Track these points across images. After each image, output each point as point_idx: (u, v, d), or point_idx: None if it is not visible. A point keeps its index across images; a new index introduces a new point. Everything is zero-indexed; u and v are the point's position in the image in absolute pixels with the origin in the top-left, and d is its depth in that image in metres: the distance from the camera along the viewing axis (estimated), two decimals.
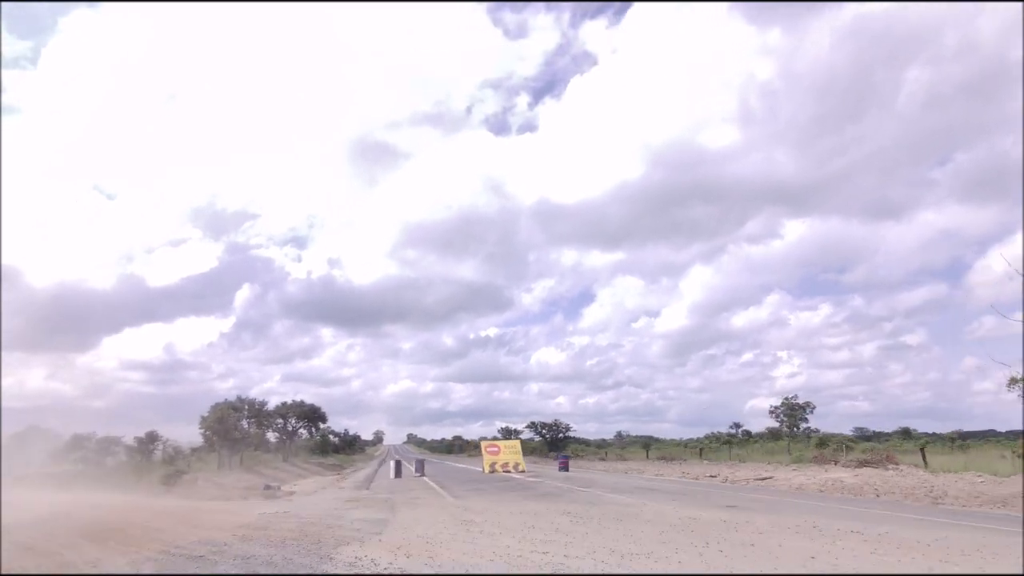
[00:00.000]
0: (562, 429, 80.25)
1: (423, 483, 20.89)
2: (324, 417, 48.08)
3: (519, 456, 26.28)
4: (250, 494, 21.98)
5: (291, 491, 24.11)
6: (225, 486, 25.44)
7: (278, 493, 21.98)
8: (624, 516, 10.57)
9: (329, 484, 26.73)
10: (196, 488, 24.86)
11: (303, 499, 16.52)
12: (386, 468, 36.31)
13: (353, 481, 26.64)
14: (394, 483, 21.91)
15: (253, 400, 38.66)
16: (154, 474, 32.66)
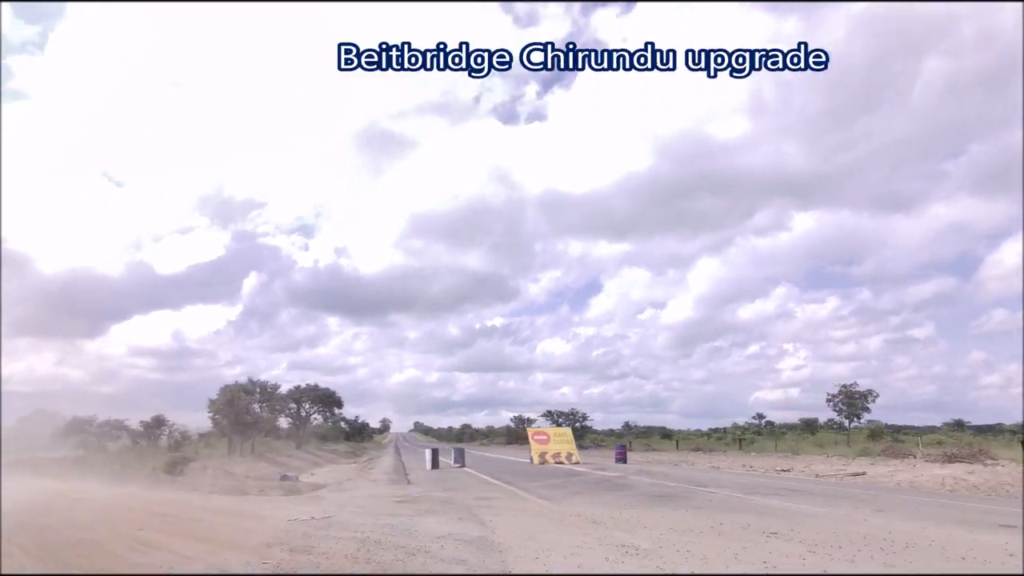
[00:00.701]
0: (579, 419, 77.12)
1: (471, 475, 17.54)
2: (340, 402, 44.96)
3: (571, 445, 22.84)
4: (266, 486, 18.64)
5: (313, 482, 20.84)
6: (237, 476, 22.17)
7: (298, 484, 18.68)
8: (838, 532, 7.11)
9: (354, 474, 23.41)
10: (204, 478, 21.63)
11: (336, 495, 13.10)
12: (414, 457, 33.20)
13: (381, 471, 23.31)
14: (435, 475, 18.54)
15: (265, 383, 35.51)
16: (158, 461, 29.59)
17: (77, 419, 34.15)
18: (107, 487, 17.46)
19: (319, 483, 19.26)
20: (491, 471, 19.16)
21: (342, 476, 24.74)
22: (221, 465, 24.23)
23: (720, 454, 38.58)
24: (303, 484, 18.33)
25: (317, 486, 17.04)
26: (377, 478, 18.63)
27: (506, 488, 13.41)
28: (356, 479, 20.65)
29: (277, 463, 31.05)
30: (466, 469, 20.49)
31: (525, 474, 17.61)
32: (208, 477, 21.86)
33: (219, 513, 10.49)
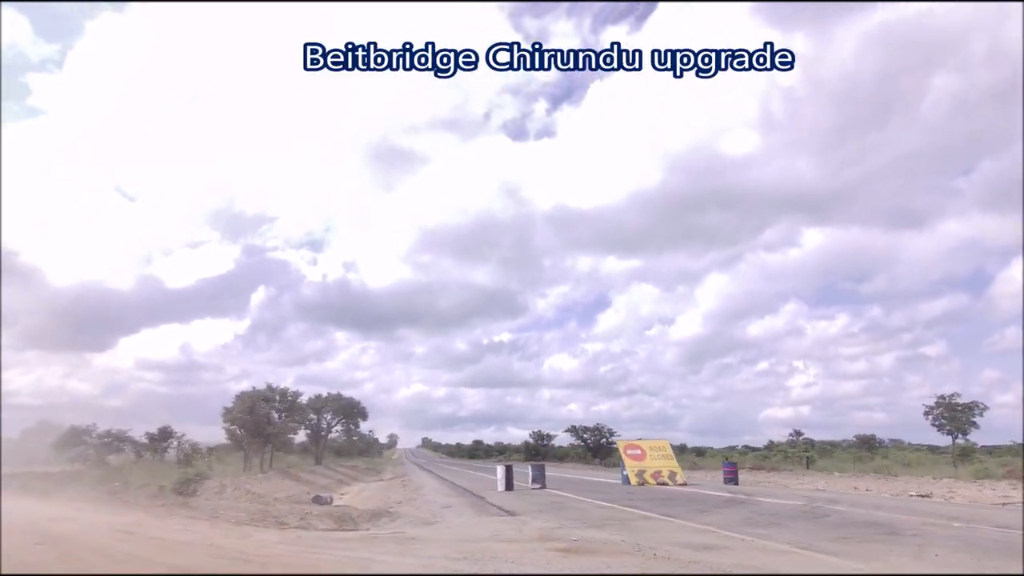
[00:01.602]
0: (605, 434, 72.59)
1: (580, 501, 13.45)
2: (364, 413, 40.78)
3: (674, 461, 18.63)
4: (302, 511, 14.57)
5: (349, 505, 16.79)
6: (264, 497, 18.14)
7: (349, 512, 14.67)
8: None
9: (401, 496, 19.26)
10: (223, 499, 17.64)
11: (421, 531, 9.06)
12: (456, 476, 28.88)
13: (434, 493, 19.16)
14: (526, 499, 14.44)
15: (285, 390, 31.54)
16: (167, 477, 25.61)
17: (75, 429, 30.23)
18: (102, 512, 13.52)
19: (367, 508, 15.17)
20: (596, 494, 15.03)
21: (386, 498, 20.57)
22: (241, 483, 20.18)
23: (789, 473, 34.17)
24: (353, 510, 14.24)
25: (374, 515, 12.94)
26: (446, 503, 14.52)
27: (680, 523, 9.28)
28: (411, 503, 16.52)
29: (301, 480, 26.92)
30: (550, 491, 16.39)
31: (651, 499, 13.43)
32: (228, 499, 17.82)
33: (267, 563, 6.55)
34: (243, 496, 17.91)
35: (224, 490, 18.50)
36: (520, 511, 11.15)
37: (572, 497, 14.22)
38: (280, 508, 15.26)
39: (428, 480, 27.37)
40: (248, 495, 17.95)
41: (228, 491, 18.41)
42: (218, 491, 18.49)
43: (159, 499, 17.20)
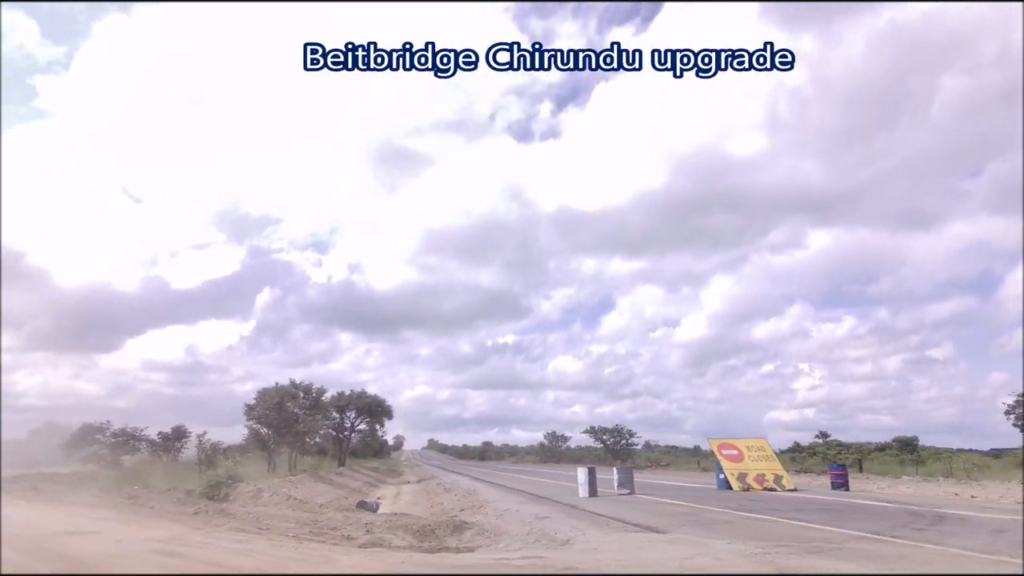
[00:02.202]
0: (625, 435, 70.24)
1: (699, 512, 11.21)
2: (389, 412, 38.51)
3: (777, 463, 16.34)
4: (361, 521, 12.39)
5: (395, 511, 14.55)
6: (307, 503, 15.96)
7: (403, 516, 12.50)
8: None
9: (470, 504, 17.02)
10: (261, 505, 15.46)
11: (559, 553, 6.84)
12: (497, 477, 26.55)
13: (504, 500, 16.93)
14: (625, 506, 12.21)
15: (309, 386, 29.32)
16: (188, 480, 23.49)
17: (87, 427, 28.11)
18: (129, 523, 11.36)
19: (434, 518, 12.94)
20: (712, 501, 12.74)
21: (436, 504, 18.34)
22: (277, 487, 17.97)
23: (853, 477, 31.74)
24: (422, 521, 12.01)
25: (455, 528, 10.71)
26: (533, 512, 12.26)
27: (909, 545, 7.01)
28: (479, 511, 14.27)
29: (334, 484, 24.72)
30: (641, 496, 14.14)
31: (801, 508, 11.09)
32: (267, 505, 15.62)
33: None
34: (283, 502, 15.75)
35: (260, 495, 16.32)
36: (656, 525, 8.90)
37: (689, 506, 11.93)
38: (332, 517, 13.08)
39: (465, 483, 25.11)
40: (289, 500, 15.77)
41: (265, 496, 16.24)
42: (254, 496, 16.32)
43: (189, 505, 15.02)
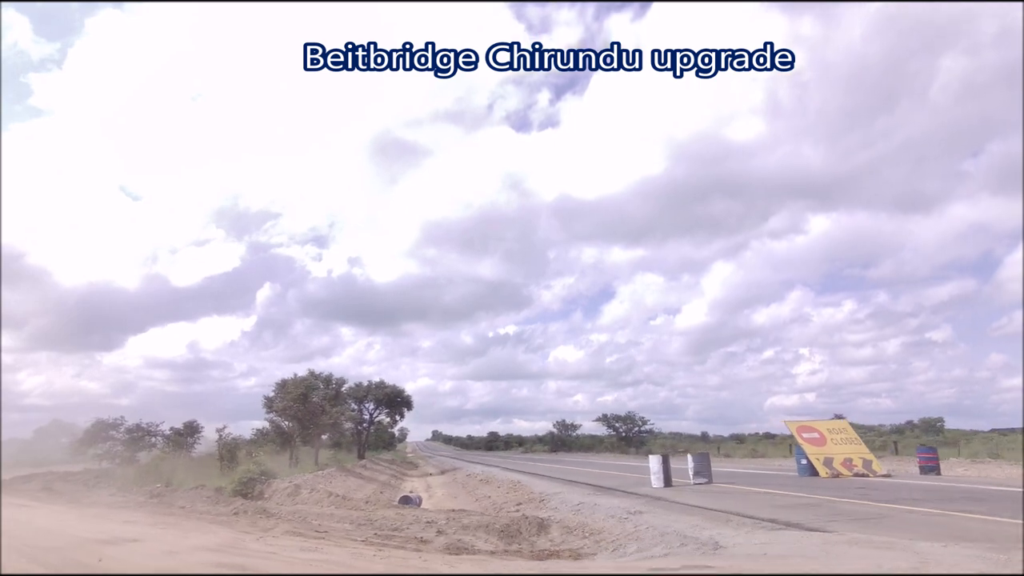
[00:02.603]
0: (637, 423, 69.29)
1: (821, 503, 9.93)
2: (409, 403, 37.29)
3: (863, 446, 15.06)
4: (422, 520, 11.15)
5: (439, 507, 13.28)
6: (350, 500, 14.71)
7: (468, 514, 11.26)
8: None
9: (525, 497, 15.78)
10: (302, 503, 14.21)
11: (747, 563, 5.57)
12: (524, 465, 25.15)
13: (568, 492, 15.69)
14: (730, 499, 10.97)
15: (330, 376, 28.04)
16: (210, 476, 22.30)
17: (100, 423, 26.89)
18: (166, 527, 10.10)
19: (504, 517, 11.70)
20: (816, 490, 11.49)
21: (483, 497, 17.10)
22: (313, 483, 16.72)
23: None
24: (497, 519, 10.74)
25: (540, 526, 9.43)
26: (615, 506, 10.98)
27: None
28: (544, 505, 13.04)
29: (364, 478, 23.54)
30: (721, 485, 12.90)
31: (944, 498, 9.78)
32: (309, 503, 14.38)
33: None
34: (324, 499, 14.51)
35: (298, 491, 15.07)
36: (799, 521, 7.60)
37: (800, 496, 10.61)
38: (385, 515, 11.82)
39: (500, 474, 23.90)
40: (330, 498, 14.52)
41: (304, 492, 14.99)
42: (291, 493, 15.07)
43: (223, 504, 13.78)
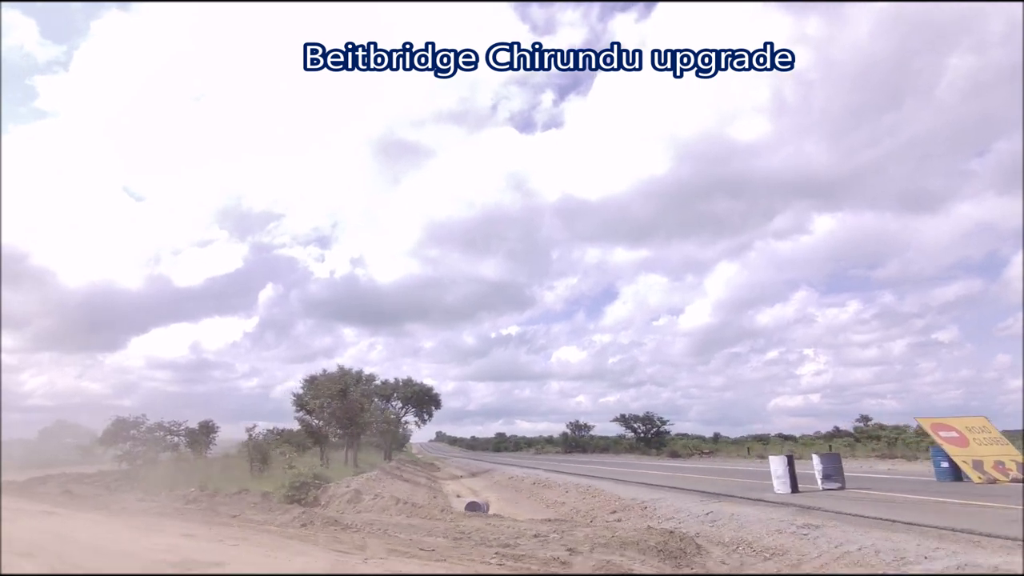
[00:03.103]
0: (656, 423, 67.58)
1: None
2: (438, 401, 35.72)
3: (1010, 446, 13.39)
4: (540, 532, 9.59)
5: (511, 515, 11.63)
6: (422, 507, 13.10)
7: (567, 527, 9.70)
8: None
9: (591, 503, 14.17)
10: (363, 510, 12.62)
11: None
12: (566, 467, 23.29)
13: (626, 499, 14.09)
14: (868, 502, 9.39)
15: (359, 372, 26.45)
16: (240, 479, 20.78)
17: (121, 422, 25.29)
18: (236, 541, 8.52)
19: (619, 530, 10.10)
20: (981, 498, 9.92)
21: (552, 501, 15.51)
22: (371, 486, 15.10)
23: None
24: (633, 533, 9.14)
25: (702, 548, 7.84)
26: (753, 516, 9.38)
27: None
28: (641, 513, 11.46)
29: (407, 480, 21.92)
30: (854, 491, 11.31)
31: None
32: (377, 511, 12.76)
33: None
34: (391, 506, 12.90)
35: (359, 497, 13.46)
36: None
37: (982, 506, 9.08)
38: (481, 528, 10.24)
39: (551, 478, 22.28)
40: (398, 504, 12.91)
41: (366, 499, 13.38)
42: (352, 499, 13.47)
43: (279, 512, 12.19)
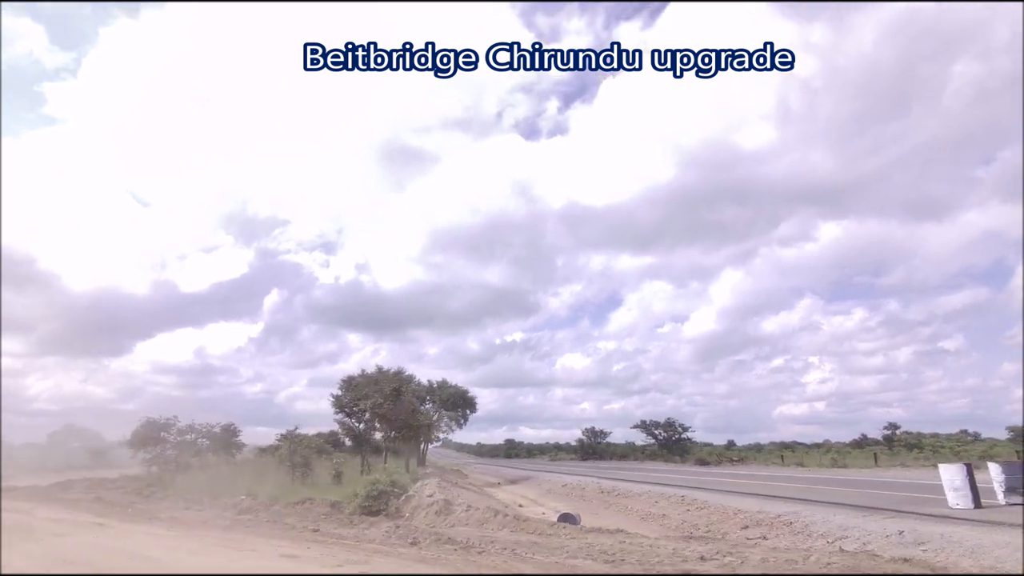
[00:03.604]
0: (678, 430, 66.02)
1: None
2: (473, 404, 34.26)
3: None
4: (674, 550, 8.12)
5: (611, 528, 10.20)
6: (529, 522, 11.62)
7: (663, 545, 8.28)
8: None
9: (700, 517, 12.72)
10: (460, 524, 11.17)
11: None
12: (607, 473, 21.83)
13: (747, 512, 12.63)
14: None
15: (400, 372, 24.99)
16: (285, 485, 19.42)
17: (152, 423, 23.80)
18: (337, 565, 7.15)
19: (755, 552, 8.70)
20: None
21: (662, 516, 14.04)
22: (455, 495, 13.62)
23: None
24: (756, 548, 7.70)
25: None
26: (873, 527, 7.95)
27: None
28: (782, 530, 10.05)
29: (467, 487, 20.45)
30: None
31: None
32: (471, 523, 11.32)
33: None
34: (490, 519, 11.46)
35: (450, 508, 12.00)
36: None
37: None
38: (609, 544, 8.80)
39: (617, 487, 20.84)
40: (497, 517, 11.45)
41: (457, 510, 11.91)
42: (440, 511, 12.01)
43: (363, 525, 10.76)
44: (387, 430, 20.40)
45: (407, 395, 20.91)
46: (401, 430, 20.13)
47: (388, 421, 19.92)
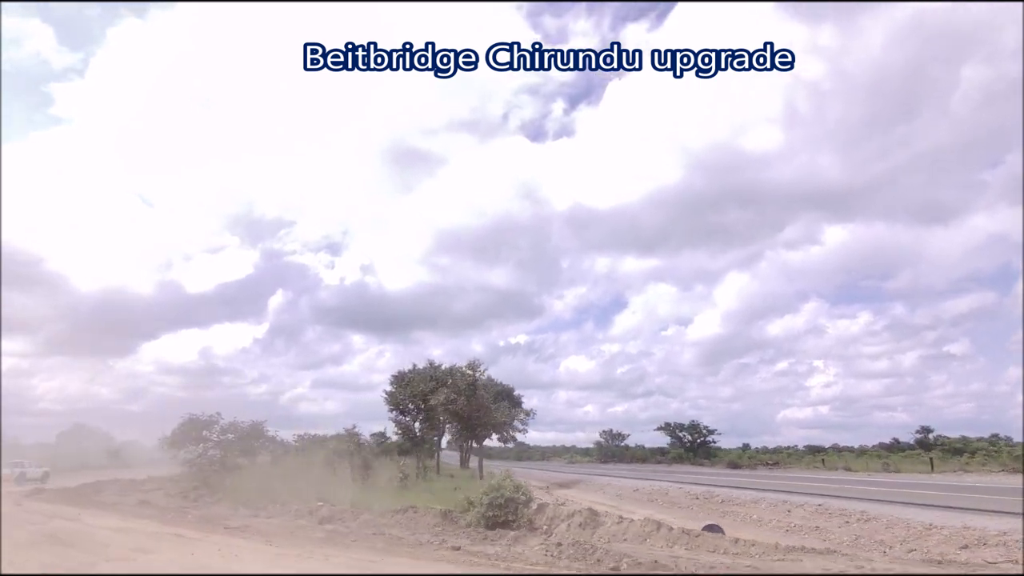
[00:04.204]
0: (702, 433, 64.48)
1: None
2: (519, 402, 32.54)
3: None
4: None
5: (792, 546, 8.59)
6: (688, 533, 9.99)
7: None
8: None
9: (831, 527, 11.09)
10: (613, 540, 9.56)
11: None
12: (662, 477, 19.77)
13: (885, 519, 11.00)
14: None
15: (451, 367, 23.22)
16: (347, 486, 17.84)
17: (194, 421, 22.04)
18: None
19: None
20: None
21: (790, 524, 12.41)
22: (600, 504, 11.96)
23: None
24: None
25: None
26: None
27: None
28: None
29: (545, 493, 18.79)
30: None
31: None
32: (632, 538, 9.68)
33: None
34: (651, 532, 9.83)
35: (597, 521, 10.35)
36: None
37: None
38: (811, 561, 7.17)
39: (698, 490, 19.20)
40: (660, 531, 9.82)
41: (607, 522, 10.28)
42: (585, 523, 10.36)
43: (506, 541, 9.12)
44: (459, 428, 18.71)
45: (481, 390, 19.24)
46: (475, 429, 18.45)
47: (462, 419, 18.23)
